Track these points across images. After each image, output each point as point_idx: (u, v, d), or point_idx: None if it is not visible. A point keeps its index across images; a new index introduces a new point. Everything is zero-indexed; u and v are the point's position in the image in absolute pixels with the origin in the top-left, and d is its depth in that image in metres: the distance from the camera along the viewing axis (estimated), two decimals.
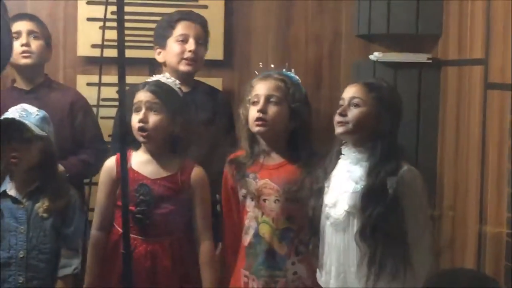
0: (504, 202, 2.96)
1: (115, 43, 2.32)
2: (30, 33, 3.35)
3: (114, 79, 3.06)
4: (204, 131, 3.25)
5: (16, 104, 2.93)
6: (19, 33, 3.31)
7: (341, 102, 2.73)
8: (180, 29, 3.36)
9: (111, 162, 2.97)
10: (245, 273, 2.98)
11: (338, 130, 2.70)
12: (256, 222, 2.96)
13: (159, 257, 2.89)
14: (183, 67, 3.32)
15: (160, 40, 3.39)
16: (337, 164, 2.76)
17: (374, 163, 2.63)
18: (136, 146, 2.99)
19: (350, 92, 2.71)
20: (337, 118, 2.70)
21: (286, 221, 2.94)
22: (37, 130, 2.78)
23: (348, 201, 2.65)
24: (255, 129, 2.94)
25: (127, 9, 2.27)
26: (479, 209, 3.18)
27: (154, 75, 3.09)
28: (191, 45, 3.32)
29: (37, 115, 2.83)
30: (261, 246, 2.94)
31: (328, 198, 2.73)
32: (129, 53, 2.23)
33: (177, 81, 3.07)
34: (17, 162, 2.79)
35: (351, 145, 2.72)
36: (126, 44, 2.33)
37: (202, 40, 3.39)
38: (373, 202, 2.59)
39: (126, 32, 2.31)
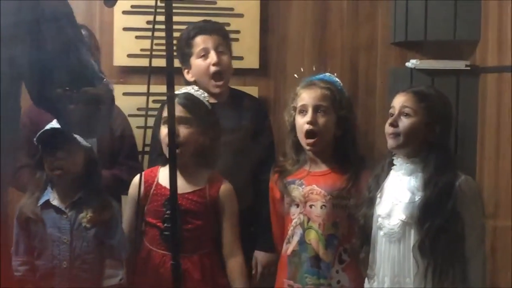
0: None
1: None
2: None
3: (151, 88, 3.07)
4: (239, 140, 3.25)
5: None
6: None
7: (391, 110, 2.71)
8: (198, 44, 3.30)
9: (138, 178, 2.94)
10: (289, 282, 2.95)
11: (390, 143, 2.69)
12: (301, 229, 2.94)
13: (189, 272, 2.86)
14: (213, 89, 3.25)
15: (184, 59, 3.34)
16: (389, 175, 2.75)
17: (429, 174, 2.61)
18: (164, 161, 2.97)
19: (400, 100, 2.69)
20: (388, 129, 2.68)
21: (331, 227, 2.91)
22: (82, 141, 2.76)
23: (404, 211, 2.63)
24: (307, 147, 2.94)
25: (158, 18, 2.23)
26: None
27: (182, 88, 3.06)
28: (212, 57, 3.27)
29: None
30: (307, 253, 2.92)
31: (381, 209, 2.71)
32: (161, 62, 2.19)
33: (206, 94, 3.05)
34: (60, 173, 2.78)
35: (403, 156, 2.70)
36: (159, 53, 2.29)
37: (223, 48, 3.32)
38: (431, 214, 2.57)
39: (159, 41, 2.26)
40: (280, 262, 3.03)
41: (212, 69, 3.26)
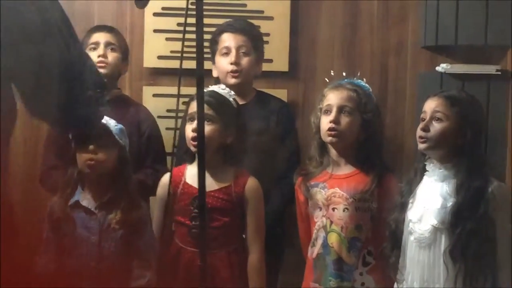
0: None
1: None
2: (107, 44, 3.35)
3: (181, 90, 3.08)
4: (263, 142, 3.25)
5: None
6: (97, 44, 3.33)
7: (422, 115, 2.70)
8: (223, 41, 3.36)
9: (166, 177, 2.96)
10: (315, 285, 2.97)
11: (421, 146, 2.68)
12: (324, 232, 2.95)
13: (217, 269, 2.89)
14: (229, 80, 3.31)
15: (212, 56, 3.40)
16: (422, 180, 2.73)
17: (462, 180, 2.60)
18: (190, 159, 2.99)
19: (432, 105, 2.67)
20: (419, 133, 2.67)
21: (354, 230, 2.92)
22: (117, 137, 2.78)
23: (435, 217, 2.63)
24: (328, 139, 2.94)
25: (188, 20, 2.23)
26: None
27: (210, 86, 3.07)
28: (232, 57, 3.31)
29: (116, 125, 2.83)
30: (330, 256, 2.93)
31: (413, 214, 2.70)
32: (191, 64, 2.21)
33: (232, 92, 3.07)
34: (93, 165, 2.77)
35: (436, 161, 2.69)
36: (189, 55, 2.30)
37: (247, 49, 3.35)
38: (463, 219, 2.56)
39: (190, 43, 2.27)
40: (307, 265, 3.04)
41: (229, 67, 3.31)
